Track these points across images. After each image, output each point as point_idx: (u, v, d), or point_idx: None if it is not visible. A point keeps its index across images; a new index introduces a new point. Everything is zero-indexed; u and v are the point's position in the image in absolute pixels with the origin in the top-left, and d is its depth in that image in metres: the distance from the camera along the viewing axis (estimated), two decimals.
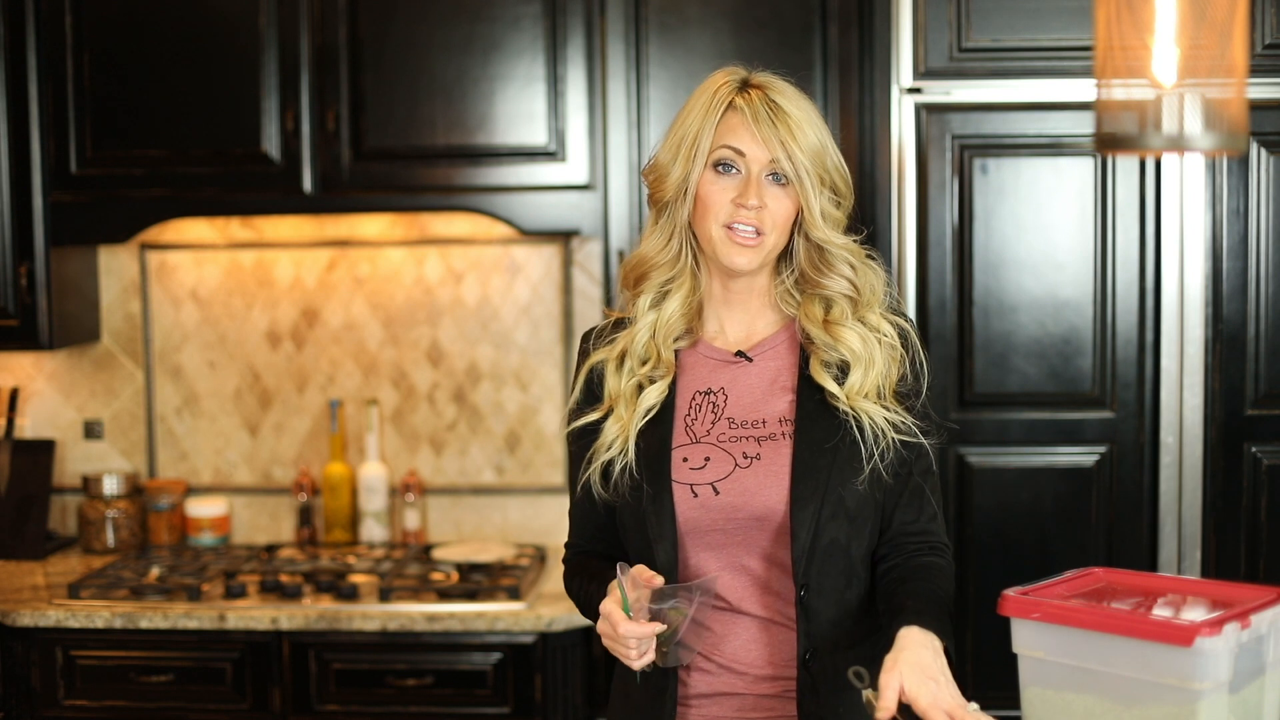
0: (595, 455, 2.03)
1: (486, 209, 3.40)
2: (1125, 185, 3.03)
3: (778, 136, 1.96)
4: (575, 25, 3.34)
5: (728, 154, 1.98)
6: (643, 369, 2.03)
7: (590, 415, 2.06)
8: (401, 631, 3.17)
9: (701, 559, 1.99)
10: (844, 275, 2.01)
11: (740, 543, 1.98)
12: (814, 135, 1.98)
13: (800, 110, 1.98)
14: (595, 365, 2.07)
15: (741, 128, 1.98)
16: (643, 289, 2.06)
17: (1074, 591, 1.79)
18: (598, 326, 2.13)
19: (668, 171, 2.01)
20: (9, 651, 3.23)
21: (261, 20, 3.37)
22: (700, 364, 2.06)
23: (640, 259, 2.07)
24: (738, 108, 1.98)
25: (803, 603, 1.95)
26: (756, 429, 2.00)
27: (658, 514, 1.97)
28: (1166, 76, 1.47)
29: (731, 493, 1.97)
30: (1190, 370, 3.04)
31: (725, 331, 2.07)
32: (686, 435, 2.01)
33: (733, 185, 1.98)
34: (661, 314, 2.05)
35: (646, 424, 2.01)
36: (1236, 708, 1.63)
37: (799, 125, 1.96)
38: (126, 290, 3.78)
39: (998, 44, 3.03)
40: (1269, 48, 2.99)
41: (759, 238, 1.97)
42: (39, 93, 3.42)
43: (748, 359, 2.05)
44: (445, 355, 3.74)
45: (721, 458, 1.99)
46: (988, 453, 3.09)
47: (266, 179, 3.40)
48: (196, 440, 3.80)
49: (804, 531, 1.94)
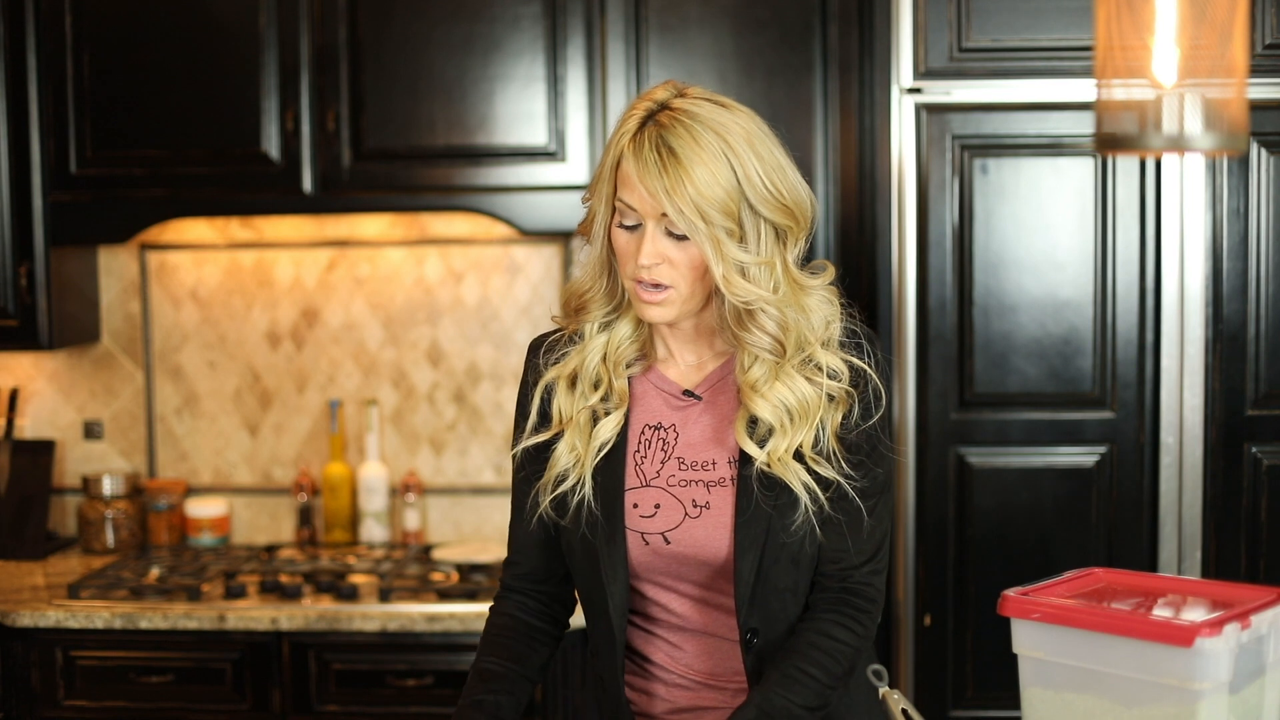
0: (547, 482, 1.95)
1: (486, 209, 3.40)
2: (1125, 185, 3.03)
3: (663, 188, 1.76)
4: (575, 25, 3.34)
5: (622, 206, 1.83)
6: (595, 394, 1.94)
7: (541, 435, 1.97)
8: (401, 632, 3.17)
9: (653, 591, 1.97)
10: (766, 332, 1.84)
11: (693, 581, 1.95)
12: (713, 178, 1.76)
13: (700, 150, 1.76)
14: (548, 384, 1.97)
15: (630, 179, 1.80)
16: (584, 319, 1.95)
17: (1074, 592, 1.79)
18: (548, 339, 2.01)
19: (591, 210, 1.90)
20: (9, 652, 3.23)
21: (261, 20, 3.37)
22: (651, 395, 1.96)
23: (577, 290, 1.95)
24: (626, 156, 1.81)
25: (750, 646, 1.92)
26: (706, 471, 1.92)
27: (611, 556, 1.92)
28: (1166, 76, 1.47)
29: (681, 543, 1.92)
30: (1190, 370, 3.04)
31: (676, 359, 1.96)
32: (637, 477, 1.94)
33: (634, 238, 1.83)
34: (613, 337, 1.94)
35: (601, 459, 1.94)
36: (1237, 708, 1.63)
37: (689, 172, 1.75)
38: (126, 290, 3.77)
39: (998, 44, 3.03)
40: (1269, 48, 2.99)
41: (665, 290, 1.83)
42: (39, 93, 3.42)
43: (696, 398, 1.94)
44: (445, 355, 3.74)
45: (671, 505, 1.93)
46: (988, 453, 3.09)
47: (266, 179, 3.40)
48: (196, 440, 3.80)
49: (743, 580, 1.89)
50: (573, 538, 1.96)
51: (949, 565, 3.11)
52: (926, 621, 3.11)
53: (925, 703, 3.10)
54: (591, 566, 1.95)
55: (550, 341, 2.00)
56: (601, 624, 1.98)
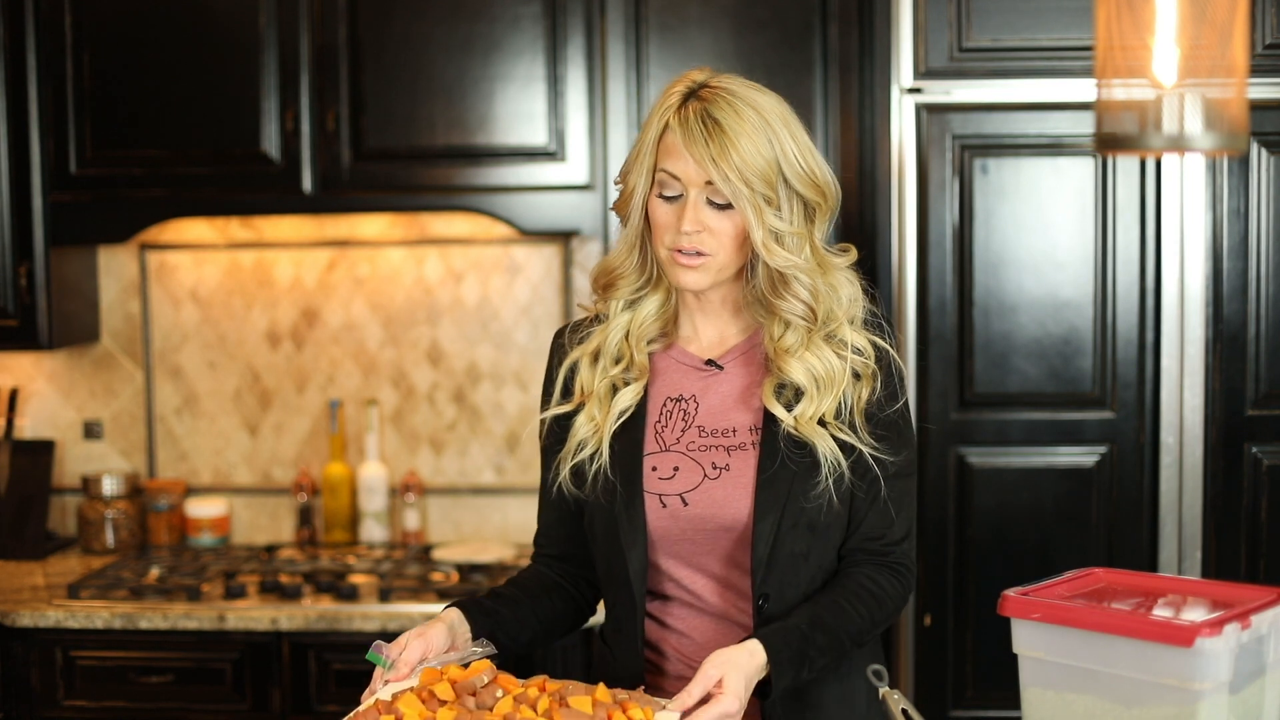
0: (566, 454, 2.02)
1: (486, 209, 3.40)
2: (1125, 185, 3.03)
3: (710, 156, 1.87)
4: (575, 25, 3.34)
5: (665, 177, 1.92)
6: (616, 368, 2.02)
7: (564, 407, 2.05)
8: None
9: (670, 565, 1.99)
10: (800, 299, 1.94)
11: (707, 551, 1.98)
12: (755, 149, 1.88)
13: (743, 122, 1.88)
14: (572, 362, 2.05)
15: (675, 148, 1.91)
16: (611, 296, 2.04)
17: (1074, 592, 1.79)
18: (573, 322, 2.11)
19: (627, 184, 1.99)
20: (9, 652, 3.23)
21: (261, 20, 3.37)
22: (672, 369, 2.04)
23: (608, 266, 2.04)
24: (672, 127, 1.91)
25: (761, 611, 1.95)
26: (727, 438, 1.99)
27: (630, 521, 1.97)
28: (1167, 76, 1.47)
29: (699, 504, 1.96)
30: (1190, 370, 3.04)
31: (699, 336, 2.05)
32: (656, 443, 2.00)
33: (674, 209, 1.92)
34: (636, 316, 2.03)
35: (619, 427, 2.00)
36: (1237, 708, 1.63)
37: (734, 143, 1.87)
38: (126, 290, 3.77)
39: (998, 44, 3.03)
40: (1269, 48, 2.99)
41: (703, 258, 1.92)
42: (39, 93, 3.42)
43: (718, 368, 2.03)
44: (445, 355, 3.74)
45: (690, 468, 1.98)
46: (988, 453, 3.09)
47: (266, 179, 3.40)
48: (196, 440, 3.80)
49: (762, 543, 1.93)
50: (593, 509, 2.01)
51: (949, 565, 3.11)
52: (926, 621, 3.11)
53: (925, 703, 3.10)
54: (611, 534, 1.99)
55: (574, 324, 2.11)
56: (622, 594, 2.00)
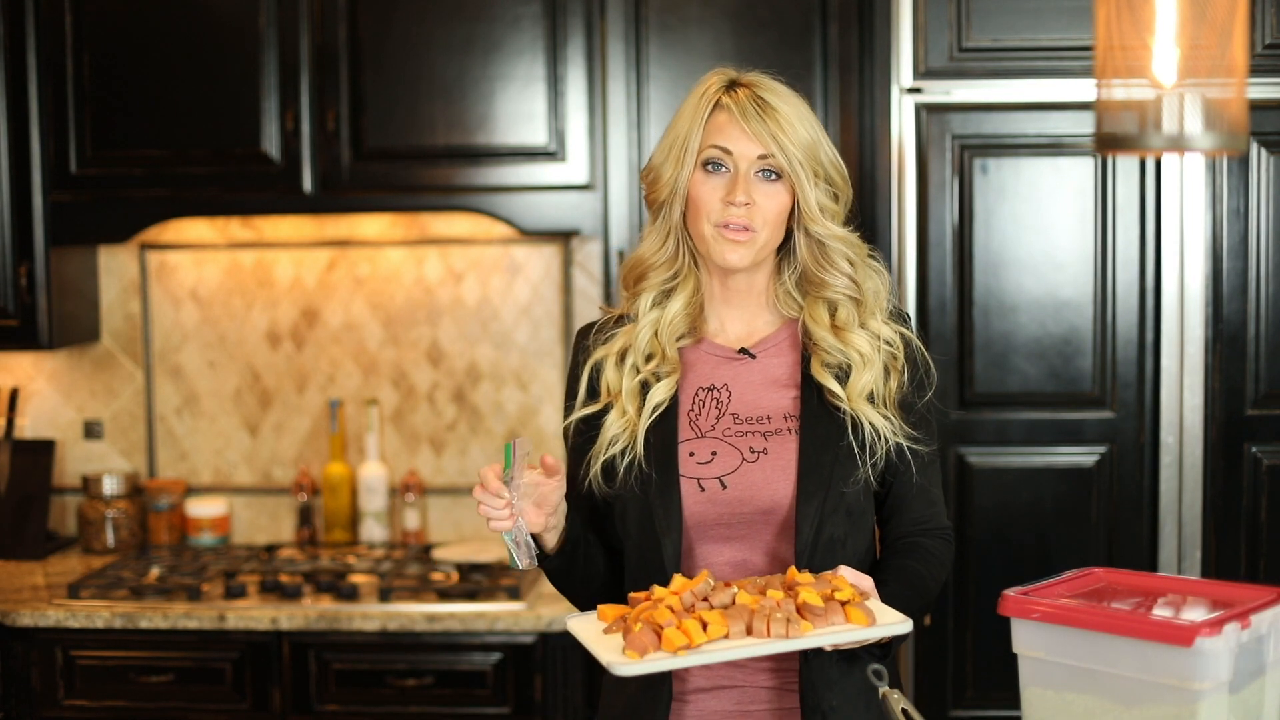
0: (598, 451, 2.04)
1: (486, 209, 3.40)
2: (1125, 185, 3.03)
3: (768, 131, 1.97)
4: (575, 25, 3.34)
5: (715, 153, 1.99)
6: (647, 366, 2.04)
7: (591, 407, 2.06)
8: (401, 631, 3.17)
9: (706, 551, 2.00)
10: (844, 272, 2.03)
11: (744, 536, 1.99)
12: (805, 129, 1.99)
13: (790, 106, 2.00)
14: (596, 362, 2.08)
15: (729, 125, 1.99)
16: (642, 289, 2.07)
17: (1074, 591, 1.79)
18: (597, 321, 2.14)
19: (661, 173, 2.03)
20: (9, 651, 3.23)
21: (261, 20, 3.37)
22: (703, 361, 2.07)
23: (638, 259, 2.08)
24: (724, 106, 2.00)
25: None
26: (762, 424, 2.02)
27: (665, 508, 1.98)
28: (1166, 76, 1.47)
29: (739, 486, 1.99)
30: (1190, 370, 3.04)
31: (726, 330, 2.09)
32: (691, 430, 2.03)
33: (722, 184, 1.99)
34: (665, 312, 2.06)
35: (653, 421, 2.02)
36: (1237, 708, 1.63)
37: (788, 119, 1.98)
38: (126, 290, 3.78)
39: (998, 44, 3.03)
40: (1269, 48, 2.99)
41: (749, 233, 1.98)
42: (39, 93, 3.42)
43: (750, 356, 2.06)
44: (445, 355, 3.74)
45: (728, 452, 2.01)
46: (988, 453, 3.09)
47: (266, 179, 3.41)
48: (196, 440, 3.80)
49: (807, 526, 1.96)
50: (625, 500, 2.02)
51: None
52: (926, 621, 3.11)
53: (925, 703, 3.10)
54: (645, 522, 2.00)
55: (598, 325, 2.13)
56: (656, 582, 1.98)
